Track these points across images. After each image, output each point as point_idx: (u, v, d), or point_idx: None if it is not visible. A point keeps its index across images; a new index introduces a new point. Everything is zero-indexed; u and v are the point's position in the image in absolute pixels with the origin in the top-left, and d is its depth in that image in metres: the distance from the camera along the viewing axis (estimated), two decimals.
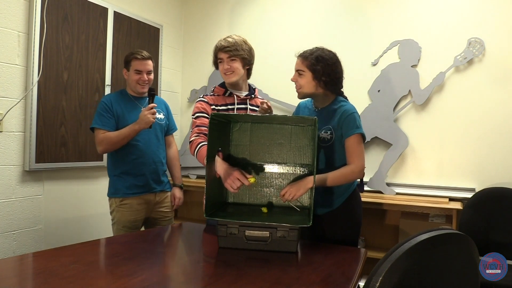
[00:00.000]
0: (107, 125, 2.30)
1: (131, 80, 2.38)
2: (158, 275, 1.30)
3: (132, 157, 2.35)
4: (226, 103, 2.01)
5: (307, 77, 1.89)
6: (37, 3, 2.63)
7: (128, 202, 2.35)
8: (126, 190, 2.35)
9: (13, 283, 1.23)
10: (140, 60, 2.35)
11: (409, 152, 3.05)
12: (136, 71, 2.35)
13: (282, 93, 3.49)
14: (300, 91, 1.94)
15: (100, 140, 2.29)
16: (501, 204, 2.53)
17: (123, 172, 2.36)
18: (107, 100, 2.35)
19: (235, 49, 1.95)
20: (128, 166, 2.35)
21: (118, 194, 2.36)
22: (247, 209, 1.84)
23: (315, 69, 1.86)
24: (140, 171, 2.36)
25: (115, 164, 2.38)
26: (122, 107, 2.36)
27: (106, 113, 2.31)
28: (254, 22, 3.69)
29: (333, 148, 1.87)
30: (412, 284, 0.87)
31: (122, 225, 2.36)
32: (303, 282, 1.36)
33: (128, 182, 2.35)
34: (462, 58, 2.87)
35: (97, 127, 2.30)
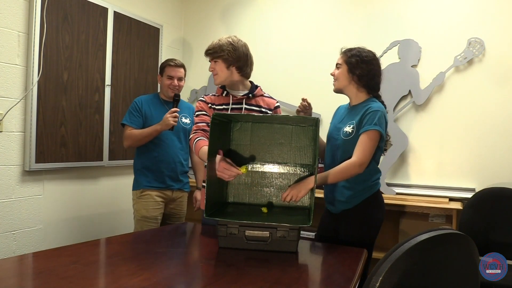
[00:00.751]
0: (134, 123, 2.54)
1: (164, 85, 2.61)
2: (158, 275, 1.30)
3: (154, 154, 2.56)
4: (222, 103, 2.02)
5: (343, 70, 1.97)
6: (37, 3, 2.63)
7: (147, 193, 2.55)
8: (146, 183, 2.56)
9: (13, 283, 1.23)
10: (173, 66, 2.59)
11: (409, 152, 3.05)
12: (168, 76, 2.58)
13: (282, 93, 3.48)
14: (335, 83, 2.02)
15: (127, 136, 2.53)
16: (501, 204, 2.53)
17: (145, 167, 2.57)
18: (138, 101, 2.60)
19: (214, 51, 1.99)
20: (150, 162, 2.56)
21: (139, 186, 2.57)
22: (247, 209, 1.85)
23: (350, 61, 1.93)
24: (160, 168, 2.57)
25: (139, 159, 2.61)
26: (151, 109, 2.59)
27: (136, 112, 2.55)
28: (254, 22, 3.69)
29: (352, 142, 1.87)
30: (412, 284, 0.87)
31: (142, 215, 2.53)
32: (303, 282, 1.36)
33: (148, 177, 2.56)
34: (462, 58, 2.87)
35: (126, 123, 2.55)
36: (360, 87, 1.96)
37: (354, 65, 1.92)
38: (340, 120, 2.02)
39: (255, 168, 1.92)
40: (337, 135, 1.95)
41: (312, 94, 3.38)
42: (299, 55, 3.46)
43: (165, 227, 2.35)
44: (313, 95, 3.38)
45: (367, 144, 1.82)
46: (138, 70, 3.43)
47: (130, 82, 3.36)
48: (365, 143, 1.82)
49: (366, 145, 1.82)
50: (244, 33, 3.66)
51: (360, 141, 1.83)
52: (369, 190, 1.91)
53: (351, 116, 1.95)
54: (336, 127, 2.02)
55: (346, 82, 1.97)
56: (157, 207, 2.57)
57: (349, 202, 1.91)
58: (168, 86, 2.59)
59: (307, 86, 3.41)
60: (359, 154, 1.81)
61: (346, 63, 1.95)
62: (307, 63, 3.42)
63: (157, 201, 2.56)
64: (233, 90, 2.05)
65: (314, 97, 3.37)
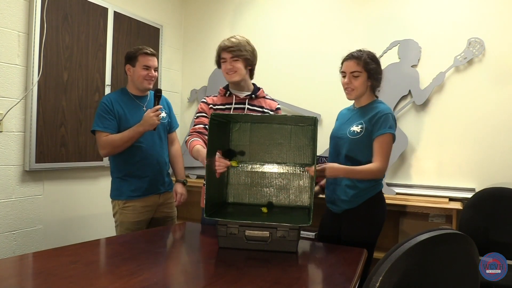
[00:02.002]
0: (109, 127, 2.21)
1: (138, 76, 2.27)
2: (158, 275, 1.30)
3: (136, 159, 2.28)
4: (224, 102, 2.05)
5: (363, 77, 1.91)
6: (37, 3, 2.63)
7: (131, 205, 2.29)
8: (130, 193, 2.28)
9: (13, 283, 1.23)
10: (149, 55, 2.28)
11: (409, 152, 3.05)
12: (145, 66, 2.26)
13: (282, 93, 3.49)
14: (354, 93, 1.94)
15: (104, 144, 2.20)
16: (501, 204, 2.53)
17: (127, 174, 2.29)
18: (107, 101, 2.25)
19: (238, 49, 1.98)
20: (132, 168, 2.28)
21: (122, 196, 2.29)
22: (247, 209, 1.84)
23: (371, 68, 1.90)
24: (144, 173, 2.30)
25: (118, 166, 2.31)
26: (124, 107, 2.27)
27: (107, 115, 2.21)
28: (254, 22, 3.69)
29: (360, 142, 1.89)
30: (412, 284, 0.87)
31: (126, 227, 2.29)
32: (303, 282, 1.36)
33: (132, 185, 2.29)
34: (462, 58, 2.86)
35: (99, 129, 2.20)
36: (371, 89, 1.97)
37: (374, 70, 1.91)
38: (345, 121, 2.02)
39: (254, 168, 1.92)
40: (342, 134, 1.96)
41: (312, 94, 3.40)
42: (299, 55, 3.46)
43: (165, 227, 2.35)
44: (313, 95, 3.40)
45: (385, 149, 1.86)
46: None
47: None
48: (384, 149, 1.85)
49: (385, 150, 1.85)
50: (244, 33, 3.64)
51: (379, 146, 1.85)
52: (373, 190, 1.92)
53: (358, 116, 1.95)
54: (341, 127, 2.02)
55: (364, 90, 1.94)
56: (143, 218, 2.32)
57: (353, 201, 1.91)
58: (144, 77, 2.26)
59: (307, 86, 3.42)
60: (382, 160, 1.84)
61: (366, 70, 1.90)
62: (307, 63, 3.42)
63: (143, 212, 2.31)
64: (237, 91, 2.08)
65: (314, 97, 3.40)
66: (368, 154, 1.89)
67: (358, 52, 1.93)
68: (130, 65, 2.29)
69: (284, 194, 1.90)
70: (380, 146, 1.85)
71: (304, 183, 1.89)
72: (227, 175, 1.92)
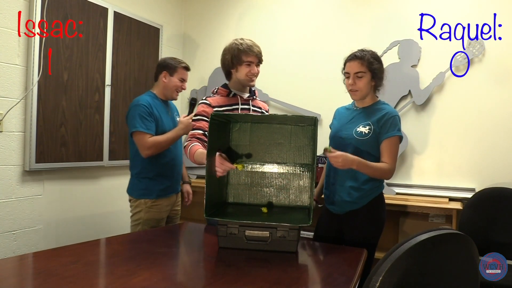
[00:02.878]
0: (151, 129, 2.29)
1: (172, 85, 2.42)
2: (158, 275, 1.30)
3: (166, 159, 2.39)
4: (230, 103, 2.06)
5: (367, 78, 1.90)
6: (37, 3, 2.63)
7: (159, 203, 2.39)
8: (159, 192, 2.38)
9: (13, 283, 1.23)
10: (186, 70, 2.47)
11: (409, 152, 3.05)
12: (181, 79, 2.44)
13: (282, 93, 3.49)
14: (359, 93, 1.93)
15: (150, 144, 2.27)
16: (501, 204, 2.53)
17: (158, 174, 2.37)
18: (147, 103, 2.33)
19: (261, 55, 2.07)
20: (163, 169, 2.38)
21: (152, 195, 2.36)
22: (247, 209, 1.85)
23: (375, 68, 1.89)
24: (172, 173, 2.44)
25: (148, 166, 2.36)
26: (159, 111, 2.39)
27: (149, 117, 2.31)
28: (254, 22, 3.69)
29: (367, 143, 1.89)
30: (412, 284, 0.87)
31: (151, 225, 2.38)
32: (303, 282, 1.36)
33: (163, 184, 2.39)
34: (462, 58, 2.87)
35: (143, 130, 2.27)
36: (373, 89, 1.97)
37: (378, 70, 1.91)
38: (347, 121, 1.99)
39: (254, 168, 1.92)
40: (347, 134, 1.94)
41: (312, 94, 3.40)
42: (299, 55, 3.46)
43: (165, 227, 2.35)
44: (313, 95, 3.40)
45: (394, 151, 1.87)
46: (138, 70, 3.43)
47: (130, 82, 3.36)
48: (393, 151, 1.87)
49: (394, 152, 1.87)
50: (244, 33, 3.66)
51: (389, 148, 1.86)
52: (376, 191, 1.94)
53: (364, 117, 1.94)
54: (343, 126, 1.99)
55: (369, 90, 1.94)
56: (166, 215, 2.47)
57: (357, 202, 1.92)
58: (177, 88, 2.44)
59: (307, 86, 3.42)
60: (392, 162, 1.87)
61: (370, 70, 1.89)
62: (307, 63, 3.42)
63: (166, 210, 2.45)
64: (240, 92, 2.11)
65: (314, 97, 3.40)
66: (374, 155, 1.90)
67: (361, 52, 1.92)
68: (168, 73, 2.42)
69: (284, 194, 1.90)
70: (389, 148, 1.87)
71: (304, 183, 1.89)
72: (227, 175, 1.92)
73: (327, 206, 2.05)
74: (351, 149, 1.89)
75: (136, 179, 2.41)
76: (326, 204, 2.06)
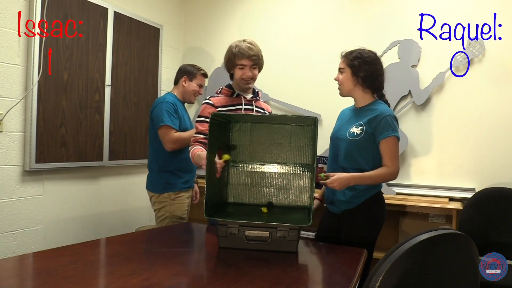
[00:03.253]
0: (176, 125, 2.48)
1: (191, 90, 2.62)
2: (158, 275, 1.30)
3: (186, 155, 2.39)
4: (233, 103, 2.06)
5: (347, 74, 1.96)
6: (37, 3, 2.63)
7: (182, 195, 2.55)
8: (182, 185, 2.54)
9: (13, 283, 1.23)
10: (205, 77, 2.70)
11: (409, 152, 3.05)
12: (200, 85, 2.65)
13: (282, 93, 3.49)
14: (341, 88, 2.01)
15: (175, 139, 2.45)
16: (501, 204, 2.53)
17: (178, 169, 2.53)
18: (172, 102, 2.52)
19: (258, 57, 2.02)
20: (183, 163, 2.53)
21: (175, 188, 2.52)
22: (247, 209, 1.85)
23: (353, 64, 1.93)
24: (191, 168, 2.60)
25: (169, 161, 2.52)
26: (181, 110, 2.59)
27: (175, 114, 2.50)
28: (254, 22, 3.69)
29: (359, 143, 1.89)
30: (412, 284, 0.87)
31: (178, 217, 2.52)
32: (303, 282, 1.36)
33: (183, 178, 2.55)
34: (462, 58, 2.87)
35: (170, 125, 2.44)
36: (365, 89, 1.97)
37: (357, 67, 1.92)
38: (345, 121, 2.02)
39: (254, 168, 1.92)
40: (342, 135, 1.96)
41: (312, 95, 3.40)
42: (299, 55, 3.45)
43: (165, 227, 2.35)
44: (313, 95, 3.40)
45: (393, 152, 1.88)
46: (138, 70, 3.43)
47: (130, 82, 3.36)
48: (392, 152, 1.87)
49: (393, 153, 1.87)
50: (244, 33, 3.66)
51: (387, 150, 1.87)
52: (371, 190, 1.92)
53: (358, 117, 1.95)
54: (341, 127, 2.02)
55: (351, 86, 1.97)
56: (187, 207, 2.61)
57: (351, 202, 1.92)
58: (195, 93, 2.64)
59: (307, 87, 3.42)
60: (392, 164, 1.86)
61: (349, 66, 1.94)
62: (308, 63, 3.42)
63: (187, 202, 2.60)
64: (243, 93, 2.11)
65: (314, 97, 3.40)
66: (367, 156, 1.89)
67: (349, 51, 1.99)
68: (188, 79, 2.63)
69: (284, 194, 1.90)
70: (387, 150, 1.87)
71: (304, 183, 1.89)
72: (227, 175, 1.92)
73: (327, 206, 2.07)
74: (345, 150, 1.91)
75: (156, 174, 2.54)
76: (327, 204, 2.07)
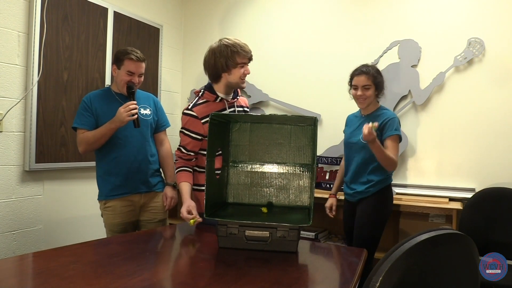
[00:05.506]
0: (86, 124, 2.19)
1: (120, 80, 2.23)
2: (158, 275, 1.30)
3: (113, 155, 2.23)
4: (217, 109, 1.99)
5: (372, 89, 2.29)
6: (37, 3, 2.63)
7: (111, 205, 2.23)
8: (108, 192, 2.23)
9: (13, 283, 1.23)
10: (135, 61, 2.21)
11: (409, 152, 3.05)
12: (128, 72, 2.21)
13: (282, 93, 3.49)
14: (366, 102, 2.31)
15: (80, 140, 2.20)
16: (501, 204, 2.53)
17: (105, 172, 2.25)
18: (86, 99, 2.24)
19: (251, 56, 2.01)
20: (110, 166, 2.23)
21: (102, 196, 2.25)
22: (247, 209, 1.85)
23: (379, 81, 2.31)
24: (121, 170, 2.23)
25: (98, 164, 2.29)
26: (103, 106, 2.23)
27: (85, 112, 2.20)
28: (254, 22, 3.69)
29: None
30: (412, 284, 0.87)
31: (109, 228, 2.25)
32: (303, 282, 1.36)
33: (110, 184, 2.23)
34: (462, 58, 2.87)
35: (77, 126, 2.20)
36: (376, 98, 2.35)
37: (381, 83, 2.32)
38: (356, 127, 2.37)
39: (254, 168, 1.92)
40: (356, 140, 2.30)
41: (312, 95, 3.40)
42: (299, 55, 3.45)
43: (165, 227, 2.35)
44: (313, 96, 3.40)
45: (395, 147, 2.23)
46: None
47: None
48: (395, 146, 2.22)
49: (395, 148, 2.23)
50: (244, 33, 3.66)
51: (391, 145, 2.21)
52: (384, 182, 2.29)
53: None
54: (353, 133, 2.36)
55: (373, 99, 2.32)
56: (125, 219, 2.25)
57: (367, 191, 2.28)
58: (126, 82, 2.21)
59: (307, 86, 3.42)
60: (395, 156, 2.19)
61: (374, 83, 2.28)
62: (307, 63, 3.42)
63: (124, 212, 2.24)
64: (225, 95, 2.03)
65: (314, 97, 3.40)
66: None
67: (367, 68, 2.30)
68: (116, 66, 2.25)
69: (284, 194, 1.90)
70: (391, 144, 2.21)
71: (304, 183, 1.89)
72: (227, 175, 1.92)
73: (346, 197, 2.44)
74: (360, 154, 2.29)
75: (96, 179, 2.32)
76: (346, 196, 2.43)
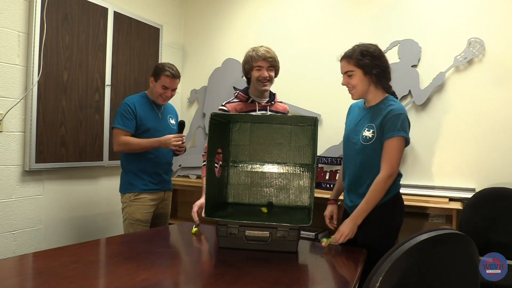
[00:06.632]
0: (129, 127, 2.45)
1: (155, 92, 2.52)
2: (158, 275, 1.30)
3: (150, 156, 2.51)
4: (248, 109, 2.13)
5: (358, 75, 1.81)
6: (37, 3, 2.63)
7: (142, 197, 2.50)
8: (142, 186, 2.50)
9: (13, 283, 1.23)
10: (170, 78, 2.47)
11: (409, 152, 3.04)
12: (163, 86, 2.48)
13: (282, 93, 3.48)
14: (354, 92, 1.85)
15: (122, 142, 2.44)
16: (501, 204, 2.53)
17: (140, 169, 2.51)
18: (130, 103, 2.49)
19: (274, 59, 2.17)
20: (145, 164, 2.50)
21: (135, 189, 2.49)
22: (247, 209, 1.85)
23: (364, 63, 1.78)
24: (156, 169, 2.54)
25: (131, 161, 2.52)
26: (144, 111, 2.51)
27: (129, 115, 2.45)
28: (254, 22, 3.68)
29: (372, 148, 1.80)
30: (412, 284, 0.87)
31: (136, 218, 2.48)
32: (303, 282, 1.36)
33: (145, 180, 2.51)
34: (462, 58, 2.86)
35: (119, 127, 2.44)
36: (377, 86, 1.85)
37: (369, 65, 1.79)
38: (357, 122, 1.91)
39: (254, 168, 1.92)
40: (356, 139, 1.86)
41: (312, 94, 3.40)
42: (299, 55, 3.45)
43: (165, 227, 2.35)
44: (313, 95, 3.40)
45: (393, 154, 1.75)
46: (138, 70, 3.43)
47: (130, 82, 3.35)
48: (391, 153, 1.75)
49: (392, 155, 1.75)
50: (244, 33, 3.66)
51: (386, 151, 1.76)
52: (388, 194, 1.82)
53: (369, 118, 1.85)
54: (353, 129, 1.91)
55: (366, 87, 1.83)
56: (151, 210, 2.54)
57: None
58: (160, 95, 2.51)
59: (307, 86, 3.42)
60: (387, 167, 1.75)
61: (359, 66, 1.80)
62: (307, 63, 3.42)
63: (151, 204, 2.53)
64: (259, 98, 2.19)
65: (314, 97, 3.40)
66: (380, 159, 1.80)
67: (351, 50, 1.84)
68: (153, 79, 2.53)
69: (284, 194, 1.90)
70: (388, 150, 1.76)
71: (304, 183, 1.89)
72: (227, 175, 1.92)
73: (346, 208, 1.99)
74: (361, 156, 1.84)
75: (123, 174, 2.57)
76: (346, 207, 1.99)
